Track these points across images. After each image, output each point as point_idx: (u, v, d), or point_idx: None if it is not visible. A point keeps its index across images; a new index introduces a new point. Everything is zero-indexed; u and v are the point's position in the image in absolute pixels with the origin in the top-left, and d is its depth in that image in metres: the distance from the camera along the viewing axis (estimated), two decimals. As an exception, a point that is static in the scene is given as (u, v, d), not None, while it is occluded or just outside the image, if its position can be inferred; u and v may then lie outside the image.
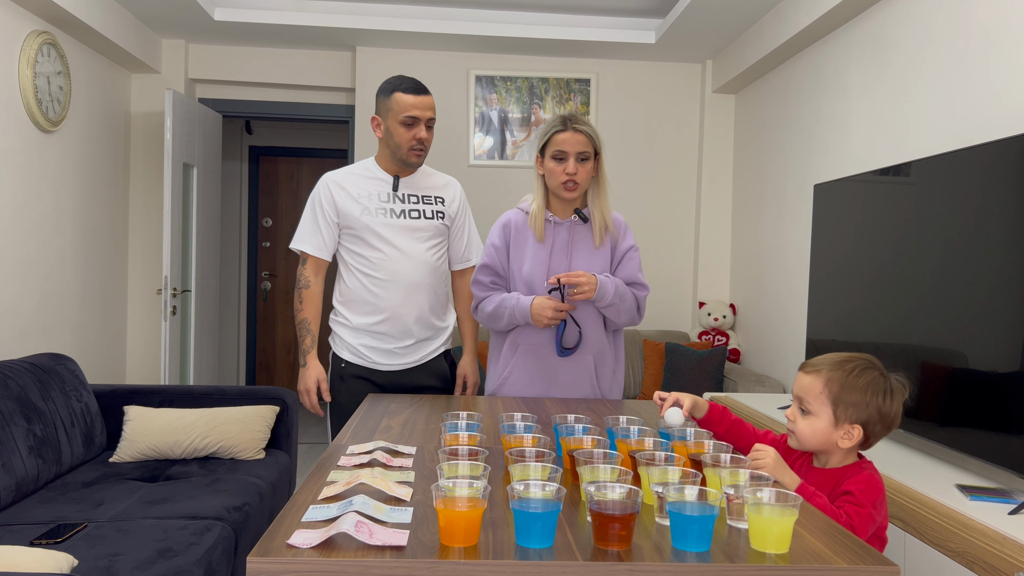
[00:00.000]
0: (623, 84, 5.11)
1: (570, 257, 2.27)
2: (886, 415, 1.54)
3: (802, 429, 1.58)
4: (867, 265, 2.81)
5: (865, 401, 1.53)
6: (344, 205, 2.46)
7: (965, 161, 2.30)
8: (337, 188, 2.47)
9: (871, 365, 1.56)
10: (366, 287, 2.46)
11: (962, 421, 2.26)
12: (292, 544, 1.10)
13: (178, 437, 3.05)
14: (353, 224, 2.45)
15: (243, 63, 5.07)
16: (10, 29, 3.48)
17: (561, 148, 2.19)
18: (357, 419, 1.98)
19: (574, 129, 2.20)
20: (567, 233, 2.28)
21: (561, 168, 2.20)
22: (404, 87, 2.39)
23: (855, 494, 1.49)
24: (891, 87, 3.21)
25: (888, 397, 1.53)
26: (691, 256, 5.19)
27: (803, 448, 1.62)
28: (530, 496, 1.15)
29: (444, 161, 5.03)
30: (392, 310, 2.45)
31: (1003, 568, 1.69)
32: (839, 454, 1.58)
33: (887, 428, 1.55)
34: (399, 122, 2.39)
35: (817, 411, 1.56)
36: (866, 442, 1.57)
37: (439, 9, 4.67)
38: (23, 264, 3.63)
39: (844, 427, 1.54)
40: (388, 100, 2.40)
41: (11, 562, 1.81)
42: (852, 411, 1.53)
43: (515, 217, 2.35)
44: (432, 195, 2.53)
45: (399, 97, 2.38)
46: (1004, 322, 2.10)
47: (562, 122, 2.22)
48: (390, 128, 2.41)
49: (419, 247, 2.48)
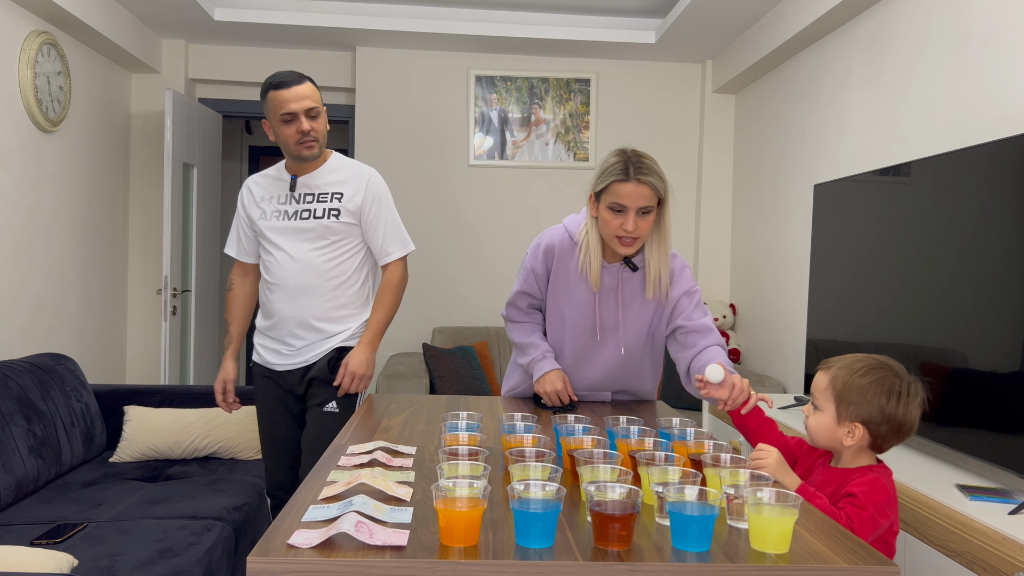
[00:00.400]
0: (623, 84, 5.11)
1: (621, 307, 2.07)
2: (892, 417, 1.53)
3: (810, 424, 1.62)
4: (867, 265, 2.81)
5: (866, 400, 1.54)
6: (251, 209, 2.47)
7: (965, 161, 2.30)
8: (247, 192, 2.48)
9: (880, 366, 1.57)
10: (263, 291, 2.48)
11: (962, 421, 2.26)
12: (292, 544, 1.10)
13: (178, 437, 3.05)
14: (257, 228, 2.45)
15: (243, 63, 5.08)
16: (10, 29, 3.48)
17: (620, 201, 1.90)
18: (357, 419, 1.98)
19: (638, 180, 1.88)
20: (613, 279, 2.06)
21: (619, 223, 1.92)
22: (275, 83, 2.28)
23: (858, 496, 1.49)
24: (891, 87, 3.21)
25: (895, 400, 1.53)
26: (691, 256, 5.19)
27: (813, 443, 1.64)
28: (530, 496, 1.15)
29: (444, 161, 5.03)
30: (279, 314, 2.40)
31: (1003, 568, 1.69)
32: (848, 454, 1.59)
33: (896, 432, 1.54)
34: (279, 120, 2.29)
35: (823, 407, 1.60)
36: (875, 444, 1.57)
37: (439, 9, 4.67)
38: (23, 264, 3.63)
39: (846, 424, 1.56)
40: (266, 102, 2.31)
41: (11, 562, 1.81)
42: (853, 409, 1.55)
43: (560, 241, 2.09)
44: (330, 191, 2.38)
45: (272, 96, 2.29)
46: (1004, 322, 2.10)
47: (623, 170, 1.89)
48: (275, 127, 2.32)
49: (306, 249, 2.37)
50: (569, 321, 2.12)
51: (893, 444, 1.57)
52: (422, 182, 5.03)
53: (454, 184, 5.05)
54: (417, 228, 5.03)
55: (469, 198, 5.05)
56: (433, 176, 5.04)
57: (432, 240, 5.05)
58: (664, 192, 1.93)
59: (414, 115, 5.02)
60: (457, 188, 5.04)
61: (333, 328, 2.41)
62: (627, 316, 2.09)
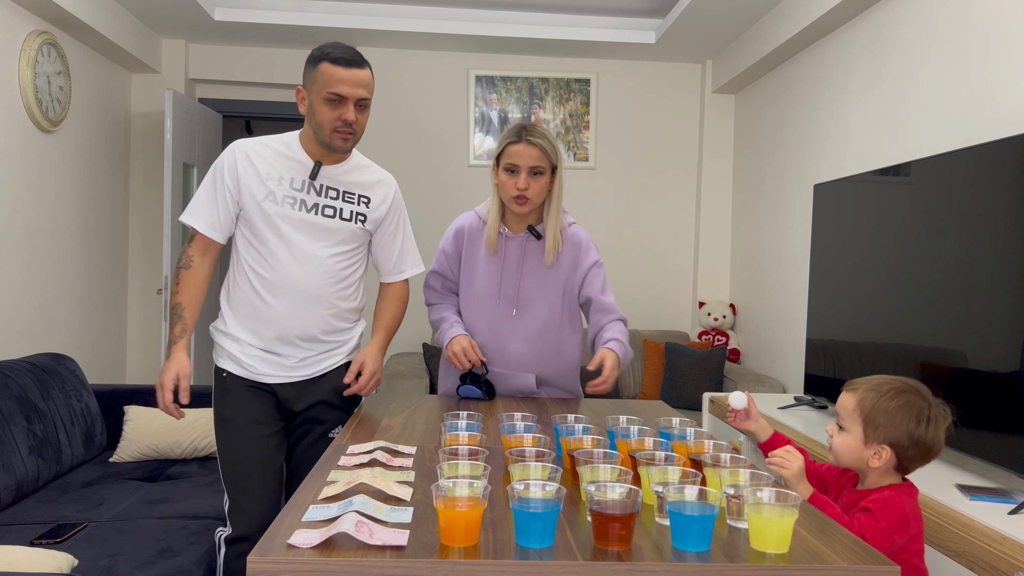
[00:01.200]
0: (623, 84, 5.11)
1: (520, 275, 2.20)
2: (919, 441, 1.54)
3: (836, 444, 1.63)
4: (867, 265, 2.81)
5: (894, 423, 1.54)
6: (248, 183, 2.02)
7: (965, 161, 2.30)
8: (245, 161, 2.02)
9: (908, 389, 1.57)
10: (250, 290, 2.05)
11: (962, 421, 2.26)
12: (292, 544, 1.10)
13: (178, 437, 3.05)
14: (251, 209, 2.02)
15: (243, 63, 5.07)
16: (10, 29, 3.48)
17: (513, 161, 2.08)
18: (357, 419, 1.98)
19: (528, 141, 2.08)
20: (519, 248, 2.20)
21: (512, 182, 2.09)
22: (334, 56, 1.94)
23: (872, 510, 1.49)
24: (891, 87, 3.21)
25: (923, 423, 1.53)
26: (691, 256, 5.19)
27: (838, 463, 1.65)
28: (530, 496, 1.15)
29: (444, 161, 5.03)
30: (278, 322, 2.04)
31: (1003, 568, 1.69)
32: (874, 475, 1.59)
33: (923, 454, 1.55)
34: (323, 98, 1.95)
35: (850, 428, 1.60)
36: (900, 466, 1.57)
37: (439, 9, 4.67)
38: (23, 264, 3.63)
39: (873, 446, 1.56)
40: (313, 71, 1.96)
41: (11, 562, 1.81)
42: (881, 431, 1.55)
43: (469, 223, 2.26)
44: (357, 193, 2.09)
45: (326, 68, 1.94)
46: (1004, 322, 2.10)
47: (517, 133, 2.09)
48: (313, 104, 1.98)
49: (322, 251, 2.05)
50: (479, 292, 2.21)
51: (919, 466, 1.57)
52: (422, 182, 5.03)
53: (454, 184, 5.04)
54: (417, 228, 5.01)
55: (469, 198, 5.04)
56: (433, 176, 5.03)
57: (432, 240, 5.04)
58: (555, 157, 2.11)
59: (414, 115, 5.02)
60: (457, 188, 5.04)
61: (337, 339, 2.14)
62: (534, 284, 2.19)
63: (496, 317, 2.22)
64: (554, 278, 2.21)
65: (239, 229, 2.07)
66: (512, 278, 2.20)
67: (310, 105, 2.00)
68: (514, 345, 2.22)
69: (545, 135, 2.11)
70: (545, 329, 2.22)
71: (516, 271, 2.20)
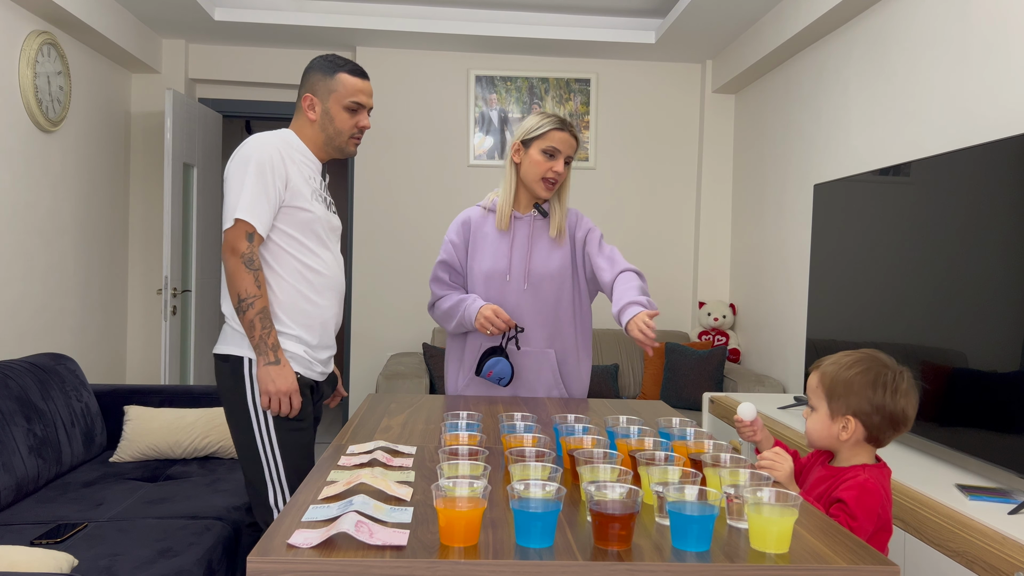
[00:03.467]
0: (623, 84, 5.11)
1: (530, 251, 2.30)
2: (881, 407, 1.53)
3: (808, 426, 1.64)
4: (867, 265, 2.81)
5: (854, 391, 1.55)
6: (295, 183, 2.02)
7: (965, 161, 2.30)
8: (288, 158, 2.03)
9: (867, 358, 1.58)
10: (303, 287, 2.05)
11: (962, 421, 2.26)
12: (292, 544, 1.10)
13: (178, 437, 3.05)
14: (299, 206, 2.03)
15: (243, 63, 5.08)
16: (10, 29, 3.48)
17: (556, 146, 2.24)
18: (357, 419, 1.98)
19: (570, 132, 2.27)
20: (527, 227, 2.32)
21: (549, 165, 2.24)
22: (351, 68, 2.09)
23: (848, 504, 1.48)
24: (891, 87, 3.21)
25: (882, 389, 1.54)
26: (691, 256, 5.19)
27: (813, 444, 1.64)
28: (530, 496, 1.15)
29: (444, 161, 5.03)
30: (333, 321, 2.13)
31: (1003, 568, 1.69)
32: (846, 450, 1.59)
33: (892, 423, 1.55)
34: (343, 106, 2.07)
35: (817, 405, 1.62)
36: (871, 437, 1.57)
37: (439, 9, 4.67)
38: (23, 264, 3.63)
39: (839, 419, 1.57)
40: (330, 80, 2.07)
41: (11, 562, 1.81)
42: (843, 402, 1.56)
43: (475, 214, 2.36)
44: None
45: (346, 79, 2.07)
46: (1004, 322, 2.10)
47: (561, 122, 2.26)
48: (331, 111, 2.07)
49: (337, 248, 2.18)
50: (490, 272, 2.29)
51: (891, 436, 1.57)
52: (422, 182, 5.03)
53: (454, 184, 5.05)
54: (417, 228, 5.03)
55: (469, 198, 5.04)
56: (433, 176, 5.04)
57: (432, 240, 5.05)
58: None
59: (414, 115, 5.02)
60: (457, 188, 5.04)
61: None
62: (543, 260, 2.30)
63: (508, 294, 2.29)
64: (562, 254, 2.31)
65: (281, 227, 2.03)
66: (522, 255, 2.29)
67: (325, 112, 2.07)
68: (528, 319, 2.28)
69: None
70: (558, 303, 2.30)
71: (525, 248, 2.30)
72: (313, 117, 2.08)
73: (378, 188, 5.01)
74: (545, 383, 2.31)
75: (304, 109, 2.09)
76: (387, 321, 5.04)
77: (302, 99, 2.09)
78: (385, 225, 5.02)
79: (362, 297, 5.03)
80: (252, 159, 1.96)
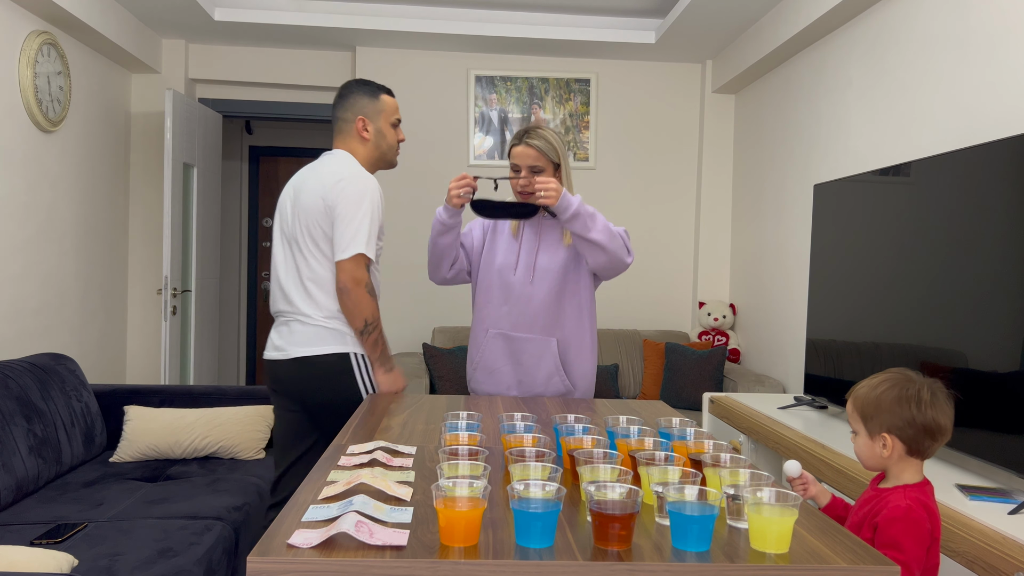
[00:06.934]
0: (623, 84, 5.11)
1: (537, 248, 2.39)
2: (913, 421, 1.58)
3: (856, 450, 1.68)
4: (867, 265, 2.81)
5: (884, 410, 1.59)
6: None
7: (965, 161, 2.30)
8: None
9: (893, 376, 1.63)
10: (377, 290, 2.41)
11: (962, 421, 2.26)
12: (292, 544, 1.10)
13: (178, 437, 3.05)
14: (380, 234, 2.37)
15: (243, 63, 5.08)
16: (10, 29, 3.48)
17: (515, 161, 2.34)
18: (357, 419, 1.98)
19: (526, 143, 2.32)
20: (536, 226, 2.43)
21: (515, 181, 2.35)
22: (386, 90, 2.41)
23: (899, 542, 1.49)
24: (891, 87, 3.21)
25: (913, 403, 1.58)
26: (691, 256, 5.19)
27: (865, 467, 1.68)
28: (530, 496, 1.15)
29: (444, 161, 5.03)
30: None
31: (1003, 568, 1.69)
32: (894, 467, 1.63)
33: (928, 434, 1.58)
34: (391, 123, 2.40)
35: (857, 429, 1.66)
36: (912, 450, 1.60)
37: (439, 9, 4.67)
38: (23, 264, 3.63)
39: (878, 438, 1.61)
40: (377, 102, 2.37)
41: (11, 562, 1.81)
42: (877, 421, 1.61)
43: None
44: None
45: (388, 100, 2.40)
46: (1004, 322, 2.09)
47: (519, 136, 2.34)
48: (382, 129, 2.38)
49: None
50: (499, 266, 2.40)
51: (932, 446, 1.60)
52: (422, 182, 5.03)
53: (454, 184, 5.04)
54: (417, 228, 5.03)
55: (469, 198, 5.04)
56: (433, 176, 5.03)
57: (432, 240, 5.05)
58: (555, 155, 2.32)
59: (414, 115, 5.02)
60: (457, 188, 5.04)
61: None
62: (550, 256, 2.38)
63: (515, 285, 2.38)
64: (567, 251, 2.40)
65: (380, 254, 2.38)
66: (529, 251, 2.39)
67: (378, 131, 2.37)
68: (533, 308, 2.35)
69: (543, 136, 2.32)
70: (561, 295, 2.37)
71: (534, 244, 2.40)
72: (367, 136, 2.36)
73: (378, 188, 5.01)
74: (547, 370, 2.37)
75: (358, 131, 2.36)
76: (387, 321, 5.03)
77: (356, 121, 2.35)
78: (385, 225, 5.02)
79: (362, 297, 5.02)
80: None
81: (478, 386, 2.44)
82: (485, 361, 2.41)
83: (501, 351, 2.38)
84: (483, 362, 2.42)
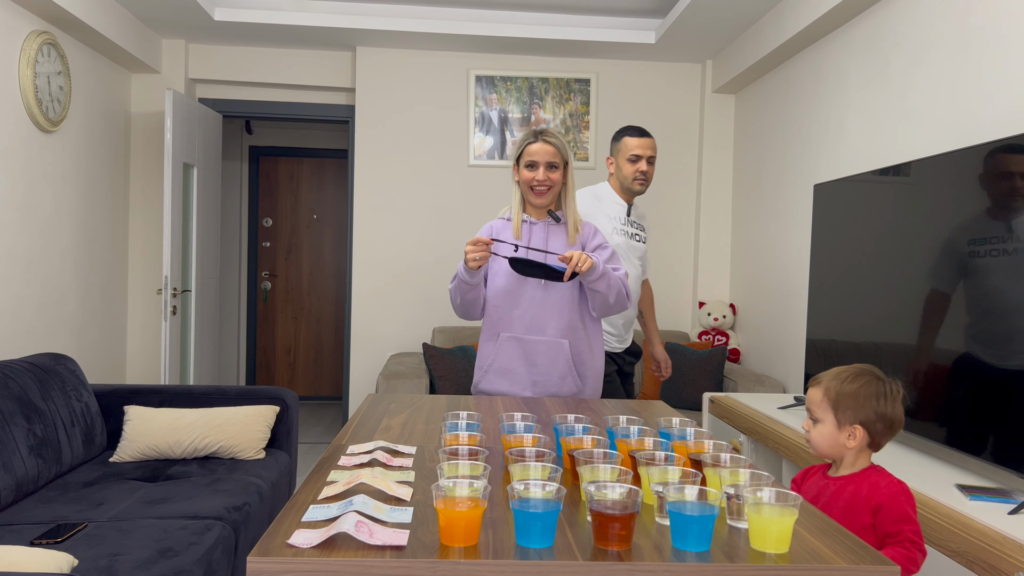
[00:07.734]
0: (623, 84, 5.11)
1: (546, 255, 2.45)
2: (884, 415, 1.68)
3: (814, 436, 1.75)
4: (867, 265, 2.81)
5: (859, 403, 1.68)
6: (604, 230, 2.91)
7: (965, 161, 2.30)
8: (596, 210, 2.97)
9: (863, 372, 1.72)
10: None
11: (962, 421, 2.26)
12: (292, 544, 1.10)
13: (178, 437, 3.05)
14: None
15: (243, 63, 5.08)
16: (10, 29, 3.48)
17: (532, 158, 2.43)
18: (357, 419, 1.98)
19: (544, 140, 2.44)
20: (542, 231, 2.50)
21: (532, 175, 2.43)
22: (630, 130, 2.95)
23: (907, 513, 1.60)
24: (891, 87, 3.21)
25: (884, 400, 1.69)
26: (691, 256, 5.19)
27: (819, 454, 1.75)
28: (530, 496, 1.15)
29: (444, 161, 5.03)
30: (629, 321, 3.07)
31: (1003, 568, 1.69)
32: (849, 458, 1.72)
33: (889, 428, 1.70)
34: (626, 159, 2.93)
35: (822, 417, 1.73)
36: (872, 442, 1.70)
37: (439, 9, 4.67)
38: (23, 264, 3.63)
39: (846, 428, 1.70)
40: (618, 143, 2.97)
41: (11, 562, 1.81)
42: (850, 413, 1.69)
43: (497, 224, 2.58)
44: None
45: (627, 140, 2.93)
46: (1004, 322, 2.09)
47: (534, 135, 2.46)
48: (619, 164, 2.96)
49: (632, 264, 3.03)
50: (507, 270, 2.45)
51: (887, 440, 1.71)
52: (422, 182, 5.03)
53: (454, 184, 5.05)
54: (417, 228, 5.03)
55: (469, 198, 5.05)
56: (433, 176, 5.04)
57: (432, 240, 5.05)
58: (566, 154, 2.46)
59: (414, 115, 5.02)
60: (457, 188, 5.04)
61: None
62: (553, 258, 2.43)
63: (526, 289, 2.45)
64: None
65: None
66: (537, 255, 2.45)
67: (617, 166, 2.98)
68: (545, 313, 2.42)
69: (557, 136, 2.47)
70: (571, 300, 2.44)
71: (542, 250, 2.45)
72: (612, 171, 3.00)
73: (378, 188, 5.01)
74: (560, 371, 2.43)
75: (608, 167, 3.02)
76: (387, 321, 5.04)
77: (607, 160, 3.03)
78: (385, 225, 5.02)
79: (362, 297, 5.03)
80: None
81: (490, 387, 2.48)
82: (499, 363, 2.46)
83: (515, 353, 2.44)
84: (497, 364, 2.46)
